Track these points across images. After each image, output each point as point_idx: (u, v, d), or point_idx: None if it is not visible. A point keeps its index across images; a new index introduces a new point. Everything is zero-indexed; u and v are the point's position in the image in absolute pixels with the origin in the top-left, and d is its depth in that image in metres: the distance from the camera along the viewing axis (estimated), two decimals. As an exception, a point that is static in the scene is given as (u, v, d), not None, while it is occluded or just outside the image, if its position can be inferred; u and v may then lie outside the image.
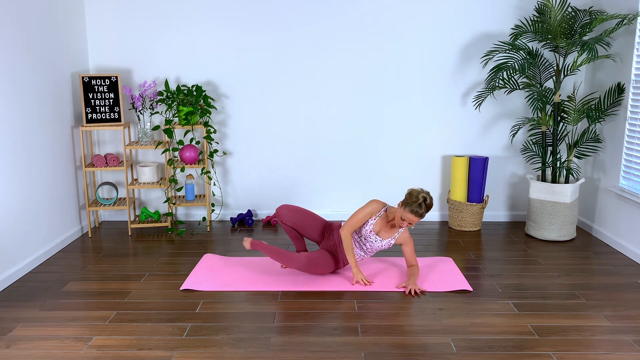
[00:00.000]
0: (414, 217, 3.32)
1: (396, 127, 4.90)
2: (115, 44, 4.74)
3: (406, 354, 2.72)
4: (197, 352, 2.73)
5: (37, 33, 3.95)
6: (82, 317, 3.11)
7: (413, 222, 3.36)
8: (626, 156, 4.22)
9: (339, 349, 2.77)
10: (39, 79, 3.97)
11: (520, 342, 2.84)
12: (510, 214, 5.09)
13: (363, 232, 3.51)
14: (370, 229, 3.49)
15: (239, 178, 5.01)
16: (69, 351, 2.74)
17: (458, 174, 4.70)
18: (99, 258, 4.08)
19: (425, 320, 3.08)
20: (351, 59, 4.77)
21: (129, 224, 4.61)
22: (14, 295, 3.42)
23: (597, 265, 3.94)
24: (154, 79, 4.80)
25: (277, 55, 4.77)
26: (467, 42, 4.75)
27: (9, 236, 3.61)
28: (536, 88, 4.47)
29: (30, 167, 3.86)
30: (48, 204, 4.10)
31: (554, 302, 3.32)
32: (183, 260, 4.02)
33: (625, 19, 4.05)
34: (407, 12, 4.69)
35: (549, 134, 4.57)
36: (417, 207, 3.30)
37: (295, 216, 3.67)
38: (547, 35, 4.30)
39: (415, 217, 3.32)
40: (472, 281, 3.65)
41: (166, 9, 4.68)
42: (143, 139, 4.67)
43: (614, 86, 4.33)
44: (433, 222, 5.05)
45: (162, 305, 3.27)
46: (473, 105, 4.87)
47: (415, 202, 3.31)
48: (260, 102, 4.85)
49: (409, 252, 3.62)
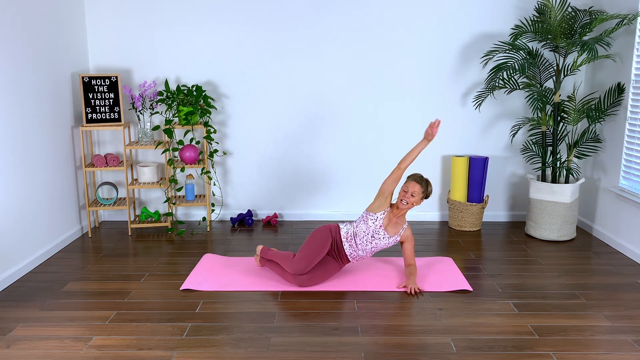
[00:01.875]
0: (416, 183, 3.46)
1: (396, 127, 4.90)
2: (115, 44, 4.74)
3: (406, 354, 2.72)
4: (197, 352, 2.73)
5: (37, 33, 3.95)
6: (82, 317, 3.11)
7: (417, 194, 3.45)
8: (626, 156, 4.22)
9: (339, 349, 2.77)
10: (39, 79, 3.97)
11: (520, 342, 2.84)
12: (510, 214, 5.09)
13: (373, 228, 3.50)
14: (380, 224, 3.50)
15: (239, 178, 5.01)
16: (69, 351, 2.74)
17: (458, 174, 4.70)
18: (99, 258, 4.08)
19: (425, 320, 3.08)
20: (351, 58, 4.77)
21: (129, 224, 4.61)
22: (14, 295, 3.42)
23: (597, 265, 3.94)
24: (154, 79, 4.80)
25: (277, 55, 4.77)
26: (467, 42, 4.75)
27: (8, 236, 3.61)
28: (536, 88, 4.47)
29: (30, 167, 3.86)
30: (48, 204, 4.10)
31: (554, 302, 3.32)
32: (183, 260, 4.02)
33: (625, 19, 4.05)
34: (407, 12, 4.69)
35: (549, 134, 4.57)
36: (417, 177, 3.49)
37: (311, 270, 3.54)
38: (547, 35, 4.30)
39: (417, 184, 3.46)
40: (472, 281, 3.65)
41: (166, 9, 4.68)
42: (143, 139, 4.67)
43: (614, 86, 4.33)
44: (433, 222, 5.05)
45: (162, 305, 3.27)
46: (473, 105, 4.87)
47: (413, 174, 3.53)
48: (260, 102, 4.85)
49: (409, 250, 3.63)
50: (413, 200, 3.46)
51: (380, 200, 3.51)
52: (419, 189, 3.46)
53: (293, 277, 3.49)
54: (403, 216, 3.58)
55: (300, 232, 4.70)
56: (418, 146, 3.48)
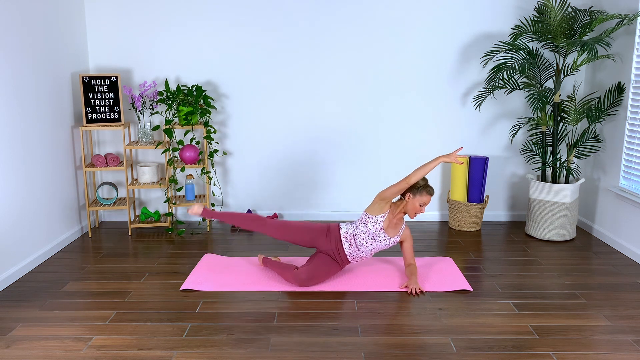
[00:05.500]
0: (429, 197, 3.48)
1: (396, 127, 4.90)
2: (115, 44, 4.74)
3: (406, 354, 2.72)
4: (197, 352, 2.73)
5: (38, 33, 3.95)
6: (82, 317, 3.11)
7: (428, 203, 3.53)
8: (626, 156, 4.22)
9: (339, 349, 2.77)
10: (39, 79, 3.97)
11: (520, 342, 2.84)
12: (510, 214, 5.09)
13: (373, 230, 3.50)
14: (380, 226, 3.50)
15: (239, 178, 5.01)
16: (69, 351, 2.74)
17: (458, 174, 4.70)
18: (99, 258, 4.08)
19: (425, 320, 3.08)
20: (351, 59, 4.77)
21: (129, 224, 4.61)
22: (14, 295, 3.42)
23: (597, 265, 3.94)
24: (154, 79, 4.80)
25: (277, 55, 4.77)
26: (467, 42, 4.75)
27: (9, 236, 3.61)
28: (536, 88, 4.47)
29: (30, 167, 3.86)
30: (48, 204, 4.10)
31: (554, 302, 3.32)
32: (183, 260, 4.02)
33: (625, 19, 4.05)
34: (407, 12, 4.69)
35: (549, 134, 4.57)
36: (429, 187, 3.49)
37: (284, 234, 3.63)
38: (547, 35, 4.30)
39: (430, 196, 3.49)
40: (472, 281, 3.65)
41: (166, 9, 4.68)
42: (143, 139, 4.67)
43: (614, 86, 4.33)
44: (433, 222, 5.05)
45: (162, 305, 3.27)
46: (473, 105, 4.87)
47: (424, 185, 3.49)
48: (260, 102, 4.85)
49: (408, 249, 3.63)
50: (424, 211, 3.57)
51: (381, 204, 3.49)
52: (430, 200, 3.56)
53: (293, 277, 3.49)
54: (402, 217, 3.58)
55: (300, 232, 4.70)
56: (431, 164, 3.38)
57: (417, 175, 3.35)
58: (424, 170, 3.35)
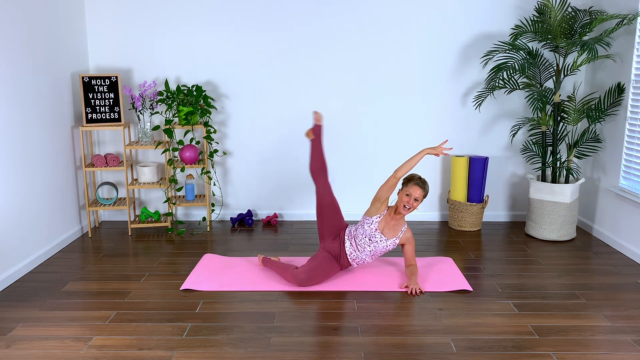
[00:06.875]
0: (417, 188, 3.41)
1: (396, 127, 4.90)
2: (115, 44, 4.74)
3: (406, 354, 2.72)
4: (197, 352, 2.73)
5: (38, 33, 3.95)
6: (82, 317, 3.11)
7: (419, 197, 3.42)
8: (626, 156, 4.22)
9: (339, 349, 2.77)
10: (39, 79, 3.97)
11: (520, 342, 2.84)
12: (510, 214, 5.09)
13: (369, 231, 3.50)
14: (375, 227, 3.50)
15: (239, 178, 5.01)
16: (69, 351, 2.74)
17: (458, 174, 4.70)
18: (99, 258, 4.08)
19: (425, 320, 3.08)
20: (351, 59, 4.77)
21: (129, 224, 4.61)
22: (14, 295, 3.42)
23: (597, 265, 3.94)
24: (154, 79, 4.80)
25: (277, 55, 4.77)
26: (467, 42, 4.75)
27: (9, 236, 3.61)
28: (536, 88, 4.47)
29: (30, 167, 3.86)
30: (48, 204, 4.10)
31: (554, 302, 3.32)
32: (183, 260, 4.02)
33: (625, 19, 4.05)
34: (407, 12, 4.69)
35: (549, 134, 4.57)
36: (418, 179, 3.44)
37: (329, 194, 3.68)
38: (547, 35, 4.30)
39: (418, 188, 3.41)
40: (472, 281, 3.65)
41: (166, 9, 4.68)
42: (143, 139, 4.67)
43: (614, 86, 4.33)
44: (433, 222, 5.05)
45: (162, 305, 3.27)
46: (473, 105, 4.87)
47: (414, 177, 3.46)
48: (260, 102, 4.85)
49: (409, 251, 3.63)
50: (416, 205, 3.43)
51: (377, 205, 3.50)
52: (421, 193, 3.42)
53: (293, 277, 3.49)
54: (402, 218, 3.57)
55: (300, 232, 4.70)
56: (417, 157, 3.40)
57: (403, 169, 3.40)
58: (410, 163, 3.40)
